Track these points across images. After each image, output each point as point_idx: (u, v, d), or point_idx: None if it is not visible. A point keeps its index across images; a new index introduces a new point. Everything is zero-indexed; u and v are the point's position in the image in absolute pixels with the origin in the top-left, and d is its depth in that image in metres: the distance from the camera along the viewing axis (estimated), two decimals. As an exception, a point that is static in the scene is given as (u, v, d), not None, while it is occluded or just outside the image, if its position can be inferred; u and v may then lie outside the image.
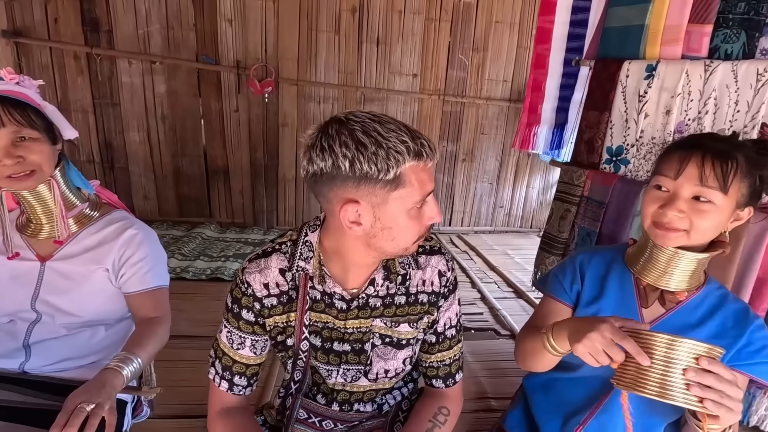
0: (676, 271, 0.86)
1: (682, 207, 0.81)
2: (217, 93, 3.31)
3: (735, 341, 0.86)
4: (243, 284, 0.82)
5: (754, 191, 0.84)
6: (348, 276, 0.83)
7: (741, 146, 0.83)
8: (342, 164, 0.67)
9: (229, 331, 0.84)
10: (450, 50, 3.56)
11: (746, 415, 1.39)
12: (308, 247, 0.82)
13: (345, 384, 0.90)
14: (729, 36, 1.44)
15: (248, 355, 0.85)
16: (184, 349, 1.80)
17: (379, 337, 0.88)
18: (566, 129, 2.20)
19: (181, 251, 2.84)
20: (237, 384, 0.86)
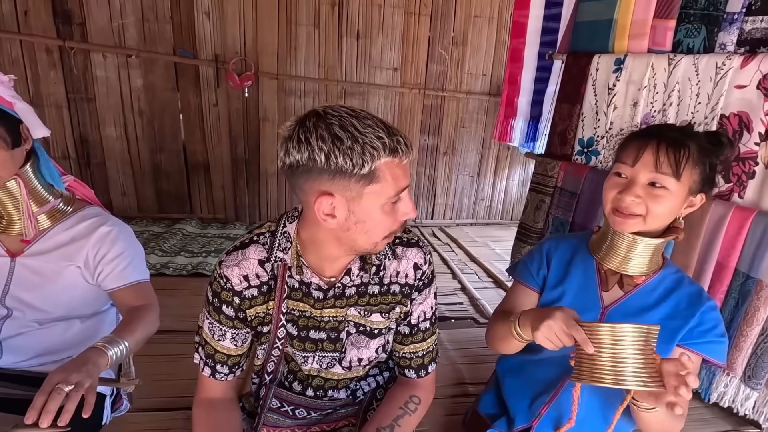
0: (635, 256, 0.91)
1: (639, 192, 0.86)
2: (195, 87, 3.27)
3: (686, 321, 0.92)
4: (222, 279, 0.82)
5: (706, 179, 0.89)
6: (324, 265, 0.85)
7: (694, 135, 0.88)
8: (318, 157, 0.68)
9: (211, 323, 0.85)
10: (430, 44, 3.58)
11: (707, 392, 1.47)
12: (286, 238, 0.83)
13: (320, 371, 0.93)
14: (691, 31, 1.50)
15: (229, 347, 0.86)
16: (166, 344, 1.80)
17: (353, 326, 0.90)
18: (541, 121, 2.26)
19: (161, 247, 2.82)
20: (219, 371, 0.88)
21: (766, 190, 1.34)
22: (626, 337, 0.68)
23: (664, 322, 0.93)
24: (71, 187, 1.12)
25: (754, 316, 1.32)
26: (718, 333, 0.93)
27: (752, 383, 1.35)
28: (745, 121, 1.37)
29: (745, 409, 1.38)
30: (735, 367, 1.37)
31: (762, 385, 1.33)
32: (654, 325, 0.70)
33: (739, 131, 1.38)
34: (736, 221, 1.36)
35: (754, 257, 1.33)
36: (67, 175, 1.12)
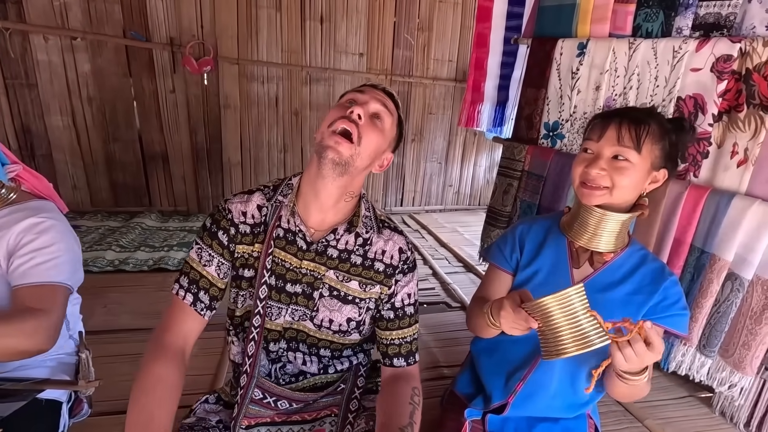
0: (603, 232, 0.94)
1: (603, 165, 0.91)
2: (149, 72, 3.09)
3: (650, 296, 0.96)
4: (224, 210, 0.91)
5: (667, 155, 0.93)
6: (311, 212, 0.91)
7: (656, 115, 0.93)
8: None
9: (200, 248, 0.91)
10: (396, 29, 3.54)
11: (666, 362, 1.55)
12: (288, 187, 0.94)
13: (292, 322, 0.96)
14: (649, 15, 1.55)
15: (213, 274, 0.91)
16: (127, 343, 1.72)
17: (327, 289, 0.94)
18: (507, 106, 2.28)
19: (118, 243, 2.67)
20: (201, 300, 0.90)
21: (719, 169, 1.41)
22: (573, 300, 0.70)
23: (629, 297, 0.97)
24: (20, 177, 1.02)
25: (708, 288, 1.40)
26: (681, 306, 0.97)
27: (706, 351, 1.43)
28: (700, 103, 1.43)
29: (700, 376, 1.46)
30: (691, 336, 1.45)
31: (715, 353, 1.42)
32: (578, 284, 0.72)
33: (695, 113, 1.44)
34: (691, 199, 1.43)
35: (708, 233, 1.40)
36: (17, 164, 1.02)
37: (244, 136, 3.43)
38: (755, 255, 1.31)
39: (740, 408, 1.43)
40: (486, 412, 1.10)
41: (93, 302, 1.97)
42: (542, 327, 0.73)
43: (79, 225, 2.94)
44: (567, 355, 0.70)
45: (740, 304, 1.36)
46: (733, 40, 1.33)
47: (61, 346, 1.13)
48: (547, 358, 0.74)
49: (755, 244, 1.30)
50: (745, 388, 1.37)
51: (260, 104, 3.39)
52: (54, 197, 1.08)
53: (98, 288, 2.12)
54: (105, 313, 1.94)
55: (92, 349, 1.17)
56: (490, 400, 1.09)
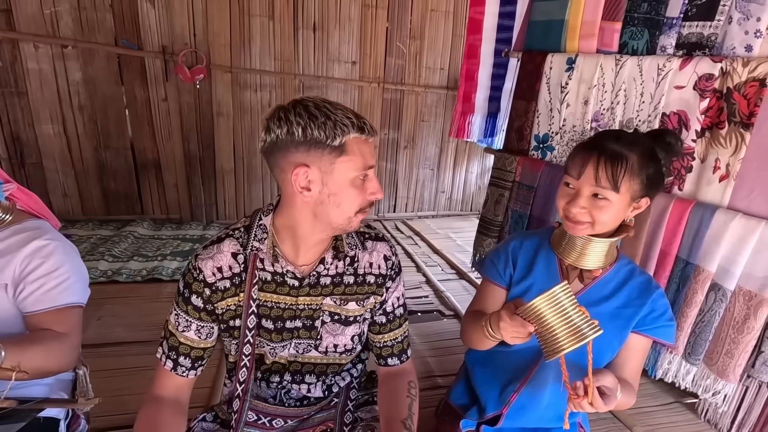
0: (590, 253, 0.97)
1: (583, 204, 0.94)
2: (141, 80, 3.08)
3: (639, 309, 1.00)
4: (195, 270, 0.86)
5: (649, 185, 0.95)
6: (299, 254, 0.89)
7: (635, 145, 0.94)
8: (295, 130, 0.77)
9: (177, 314, 0.88)
10: (388, 38, 3.57)
11: (653, 369, 1.60)
12: (262, 230, 0.89)
13: (297, 355, 0.96)
14: (635, 33, 1.60)
15: (192, 338, 0.88)
16: (124, 357, 1.72)
17: (328, 315, 0.94)
18: (498, 117, 2.32)
19: (111, 252, 2.65)
20: (181, 365, 0.88)
21: (702, 183, 1.46)
22: (560, 297, 0.73)
23: (619, 311, 1.01)
24: (13, 196, 1.03)
25: (693, 298, 1.45)
26: (668, 317, 1.02)
27: (692, 359, 1.48)
28: (684, 120, 1.48)
29: (685, 383, 1.51)
30: (677, 345, 1.50)
31: (700, 361, 1.47)
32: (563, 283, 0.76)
33: (679, 129, 1.49)
34: (676, 212, 1.47)
35: (693, 244, 1.45)
36: (11, 183, 1.03)
37: (237, 143, 3.43)
38: (737, 266, 1.36)
39: (724, 414, 1.48)
40: (480, 423, 1.13)
41: (86, 314, 1.92)
42: (538, 329, 0.77)
43: (71, 234, 2.92)
44: (565, 350, 0.73)
45: (723, 313, 1.41)
46: (715, 59, 1.38)
47: (59, 362, 1.14)
48: (549, 358, 0.77)
49: (737, 256, 1.35)
50: (728, 395, 1.42)
51: (253, 112, 3.40)
52: (47, 214, 1.09)
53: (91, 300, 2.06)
54: (99, 326, 1.93)
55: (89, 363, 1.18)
56: (485, 411, 1.12)
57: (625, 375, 1.06)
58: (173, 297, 0.90)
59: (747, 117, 1.32)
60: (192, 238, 3.11)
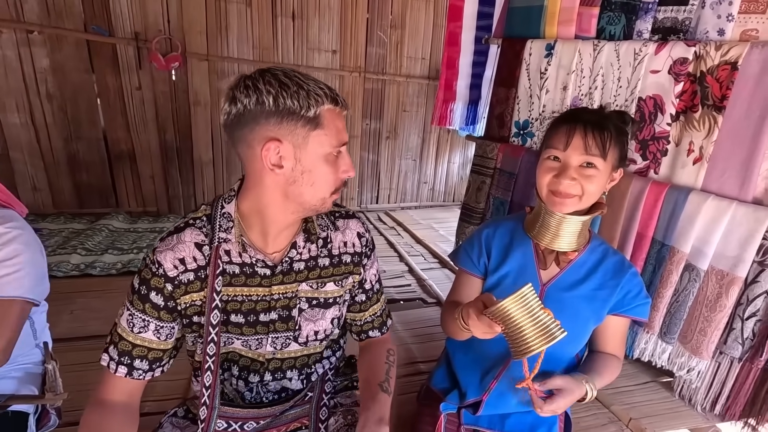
0: (565, 233, 0.97)
1: (573, 174, 0.93)
2: (114, 68, 2.97)
3: (614, 290, 1.01)
4: (154, 264, 0.78)
5: (622, 156, 0.97)
6: (268, 241, 0.83)
7: (609, 117, 0.96)
8: (266, 99, 0.69)
9: (131, 314, 0.79)
10: (368, 27, 3.53)
11: (630, 350, 1.63)
12: (227, 218, 0.80)
13: (275, 352, 0.90)
14: (612, 18, 1.61)
15: (150, 339, 0.79)
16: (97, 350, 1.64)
17: (305, 301, 0.89)
18: (480, 105, 2.32)
19: (84, 246, 2.57)
20: (137, 368, 0.80)
21: (677, 166, 1.49)
22: (528, 298, 0.72)
23: (594, 293, 1.01)
24: None
25: (668, 278, 1.48)
26: (643, 296, 1.03)
27: (667, 338, 1.52)
28: (659, 104, 1.50)
29: (661, 362, 1.55)
30: (653, 325, 1.53)
31: (675, 340, 1.50)
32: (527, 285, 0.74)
33: (654, 113, 1.51)
34: (652, 195, 1.50)
35: (668, 226, 1.48)
36: None
37: (216, 134, 3.35)
38: (710, 247, 1.39)
39: (697, 390, 1.52)
40: (460, 407, 1.13)
41: (59, 309, 1.90)
42: (506, 330, 0.75)
43: (41, 228, 2.81)
44: (535, 351, 0.72)
45: (697, 293, 1.44)
46: (689, 43, 1.40)
47: (27, 355, 1.09)
48: (517, 358, 0.76)
49: (709, 236, 1.38)
50: (701, 371, 1.46)
51: (231, 101, 3.32)
52: (13, 202, 1.04)
53: (63, 294, 2.04)
54: (72, 320, 1.87)
55: (60, 357, 1.13)
56: (465, 396, 1.12)
57: (609, 350, 1.09)
58: (127, 296, 0.80)
59: (719, 100, 1.35)
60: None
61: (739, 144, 1.32)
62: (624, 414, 1.46)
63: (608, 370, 1.02)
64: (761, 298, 1.31)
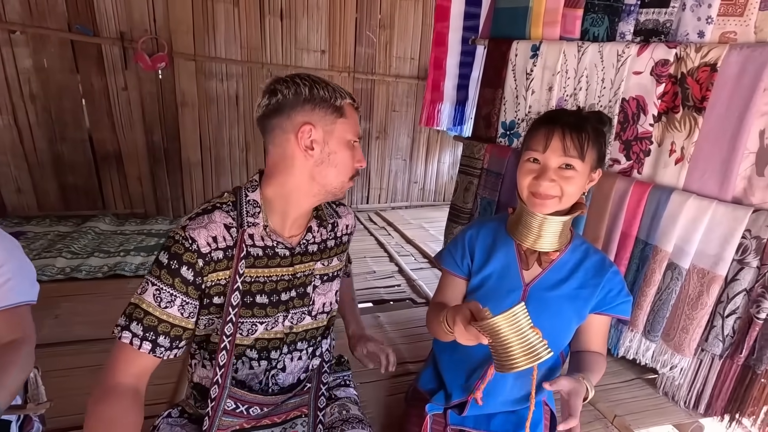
0: (546, 233, 0.98)
1: (553, 176, 0.94)
2: (99, 69, 2.94)
3: (595, 289, 1.02)
4: (187, 240, 0.82)
5: (600, 156, 0.99)
6: (286, 225, 0.93)
7: (587, 119, 0.98)
8: (303, 90, 0.84)
9: (159, 288, 0.82)
10: (357, 27, 3.53)
11: (615, 348, 1.65)
12: (253, 206, 0.90)
13: (292, 326, 0.98)
14: (596, 20, 1.62)
15: (175, 315, 0.83)
16: (82, 355, 1.65)
17: (319, 278, 1.01)
18: (467, 105, 2.33)
19: (70, 249, 2.53)
20: (160, 345, 0.82)
21: (659, 166, 1.51)
22: (520, 317, 0.73)
23: (577, 292, 1.03)
24: None
25: (651, 277, 1.50)
26: (625, 294, 1.05)
27: (651, 336, 1.54)
28: (642, 104, 1.52)
29: (645, 359, 1.57)
30: (637, 323, 1.55)
31: (658, 338, 1.53)
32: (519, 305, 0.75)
33: (637, 113, 1.53)
34: (636, 194, 1.52)
35: (651, 226, 1.50)
36: None
37: (204, 134, 3.33)
38: (691, 246, 1.41)
39: (680, 387, 1.54)
40: (447, 408, 1.14)
41: (42, 313, 1.87)
42: (493, 343, 0.76)
43: (26, 231, 2.77)
44: (519, 368, 0.73)
45: (679, 291, 1.47)
46: (670, 45, 1.42)
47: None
48: (500, 371, 0.77)
49: (691, 235, 1.41)
50: (684, 368, 1.48)
51: (220, 102, 3.31)
52: None
53: (48, 298, 2.01)
54: (56, 325, 1.85)
55: (44, 363, 1.12)
56: (451, 397, 1.13)
57: (593, 348, 1.10)
58: (150, 273, 0.83)
59: (699, 101, 1.37)
60: (158, 233, 3.01)
61: (718, 145, 1.34)
62: (609, 411, 1.48)
63: (597, 367, 1.04)
64: (740, 296, 1.33)
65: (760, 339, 1.32)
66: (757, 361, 1.33)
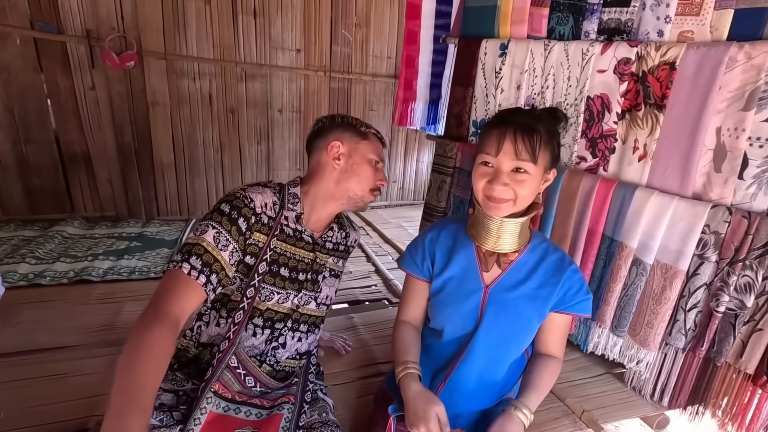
0: (506, 235, 0.99)
1: (506, 180, 0.94)
2: (64, 67, 2.84)
3: (555, 288, 1.03)
4: (246, 198, 1.02)
5: (554, 157, 0.99)
6: (311, 220, 1.16)
7: (540, 118, 0.98)
8: (337, 118, 1.17)
9: (218, 232, 0.96)
10: (333, 25, 3.50)
11: (584, 344, 1.67)
12: (293, 196, 1.13)
13: (299, 306, 1.16)
14: (561, 18, 1.64)
15: (226, 259, 0.97)
16: (44, 364, 1.58)
17: (328, 271, 1.23)
18: (440, 104, 2.33)
19: (34, 254, 2.45)
20: (211, 282, 0.95)
21: (624, 163, 1.53)
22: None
23: (536, 292, 1.03)
24: None
25: (617, 273, 1.52)
26: (584, 292, 1.05)
27: (618, 332, 1.56)
28: (606, 102, 1.53)
29: (613, 354, 1.59)
30: (605, 319, 1.57)
31: (625, 333, 1.55)
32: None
33: (602, 111, 1.55)
34: (602, 191, 1.54)
35: (617, 222, 1.51)
36: None
37: (177, 135, 3.26)
38: (655, 241, 1.43)
39: (647, 381, 1.57)
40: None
41: (2, 322, 1.80)
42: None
43: (-12, 236, 2.67)
44: None
45: (644, 286, 1.49)
46: (631, 44, 1.44)
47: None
48: None
49: (654, 231, 1.43)
50: (649, 362, 1.51)
51: (192, 102, 3.24)
52: None
53: (8, 306, 1.93)
54: (16, 333, 1.77)
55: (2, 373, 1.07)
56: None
57: (550, 349, 1.10)
58: (211, 218, 0.97)
59: (660, 99, 1.39)
60: (129, 236, 2.93)
61: (678, 142, 1.37)
62: (577, 407, 1.50)
63: (545, 381, 1.06)
64: (701, 290, 1.36)
65: (719, 332, 1.35)
66: (717, 353, 1.36)
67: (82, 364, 1.56)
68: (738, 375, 1.35)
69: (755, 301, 1.28)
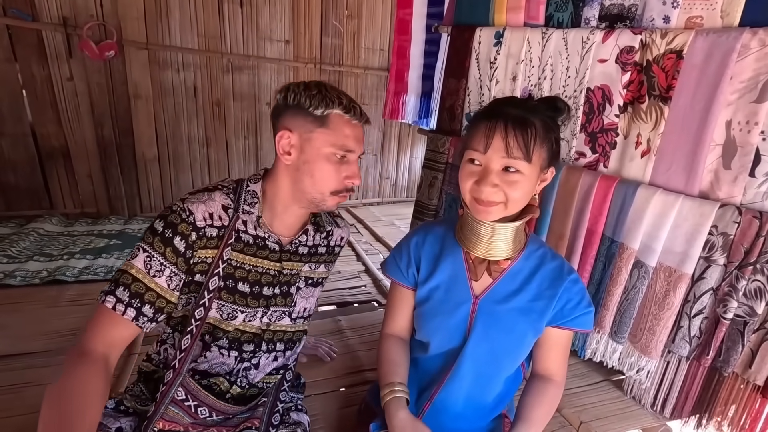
0: (499, 241, 0.88)
1: (495, 181, 0.82)
2: (40, 57, 2.71)
3: (551, 301, 0.91)
4: (184, 212, 0.85)
5: (553, 154, 0.88)
6: (275, 222, 0.96)
7: (536, 110, 0.85)
8: (288, 96, 0.88)
9: (150, 256, 0.83)
10: (323, 15, 3.38)
11: (582, 350, 1.58)
12: (251, 195, 0.93)
13: (270, 324, 1.00)
14: (560, 5, 1.54)
15: (162, 285, 0.84)
16: (3, 372, 1.48)
17: (303, 280, 1.04)
18: (433, 97, 2.22)
19: (6, 252, 2.33)
20: (144, 314, 0.83)
21: (625, 159, 1.44)
22: None
23: (530, 305, 0.92)
24: None
25: (618, 276, 1.43)
26: (585, 304, 0.94)
27: (617, 338, 1.47)
28: (607, 94, 1.44)
29: (612, 361, 1.50)
30: (604, 324, 1.48)
31: (625, 339, 1.46)
32: None
33: (602, 104, 1.45)
34: (602, 189, 1.44)
35: (617, 222, 1.42)
36: None
37: (160, 129, 3.14)
38: (658, 243, 1.34)
39: (647, 390, 1.48)
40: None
41: (-38, 326, 1.69)
42: None
43: (-42, 234, 2.55)
44: None
45: (646, 290, 1.40)
46: (635, 31, 1.34)
47: None
48: None
49: (658, 232, 1.34)
50: (651, 371, 1.42)
51: (176, 94, 3.12)
52: None
53: (-28, 308, 1.82)
54: (-25, 339, 1.66)
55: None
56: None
57: (548, 369, 1.00)
58: (143, 240, 0.84)
59: (665, 90, 1.30)
60: (110, 233, 2.82)
61: (684, 136, 1.27)
62: (575, 418, 1.41)
63: (543, 411, 0.94)
64: (707, 295, 1.27)
65: (726, 340, 1.26)
66: (723, 363, 1.27)
67: (43, 372, 1.46)
68: (746, 386, 1.26)
69: (766, 308, 1.19)
